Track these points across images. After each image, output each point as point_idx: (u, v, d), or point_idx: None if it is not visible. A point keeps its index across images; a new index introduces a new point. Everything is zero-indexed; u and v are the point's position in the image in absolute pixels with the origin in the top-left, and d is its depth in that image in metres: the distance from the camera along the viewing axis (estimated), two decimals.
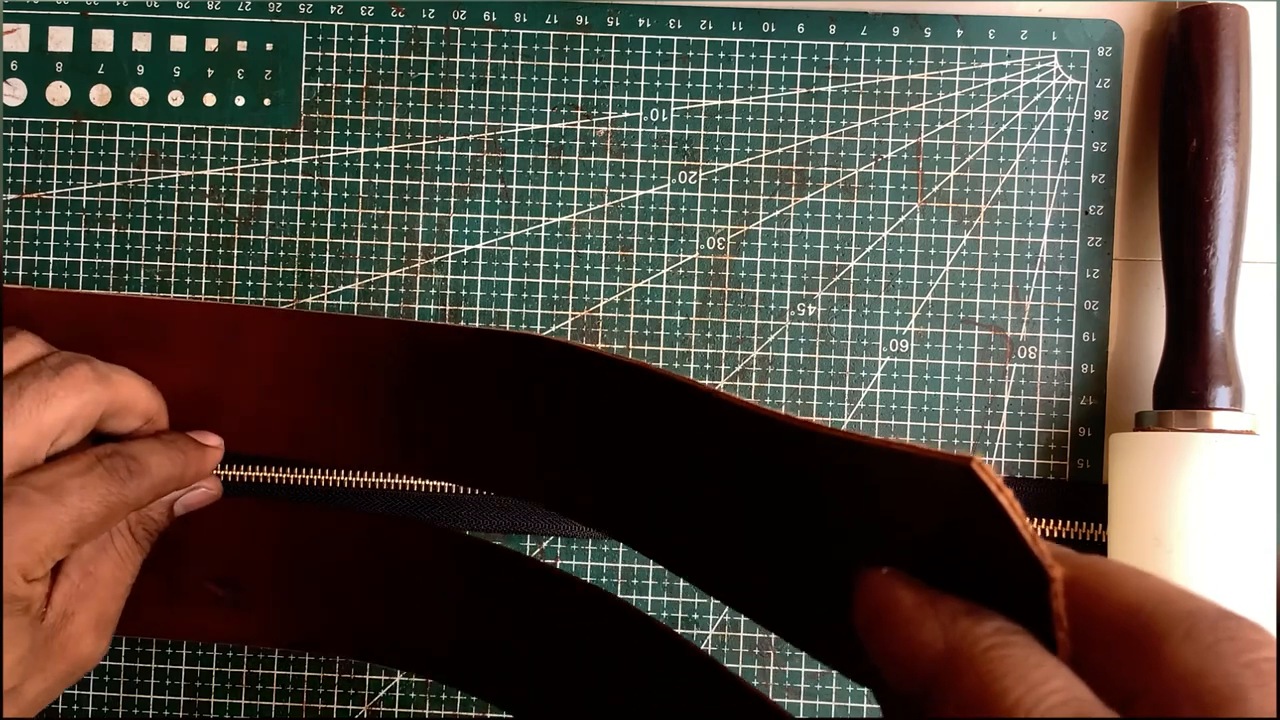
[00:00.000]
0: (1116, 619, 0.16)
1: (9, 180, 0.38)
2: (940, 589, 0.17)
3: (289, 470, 0.37)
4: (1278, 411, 0.37)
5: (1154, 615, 0.15)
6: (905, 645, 0.17)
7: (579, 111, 0.38)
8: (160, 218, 0.38)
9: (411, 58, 0.38)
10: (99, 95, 0.38)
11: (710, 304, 0.38)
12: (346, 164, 0.38)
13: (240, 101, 0.38)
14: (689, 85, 0.38)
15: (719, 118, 0.38)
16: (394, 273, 0.38)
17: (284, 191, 0.38)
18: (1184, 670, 0.15)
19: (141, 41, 0.38)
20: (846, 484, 0.20)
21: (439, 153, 0.38)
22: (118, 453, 0.31)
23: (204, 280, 0.38)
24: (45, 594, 0.30)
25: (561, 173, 0.38)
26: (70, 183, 0.38)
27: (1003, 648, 0.16)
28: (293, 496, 0.37)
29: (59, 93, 0.38)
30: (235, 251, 0.38)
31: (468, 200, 0.38)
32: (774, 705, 0.29)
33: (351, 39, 0.38)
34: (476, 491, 0.37)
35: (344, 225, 0.38)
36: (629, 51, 0.38)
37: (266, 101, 0.38)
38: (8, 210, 0.38)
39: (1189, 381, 0.35)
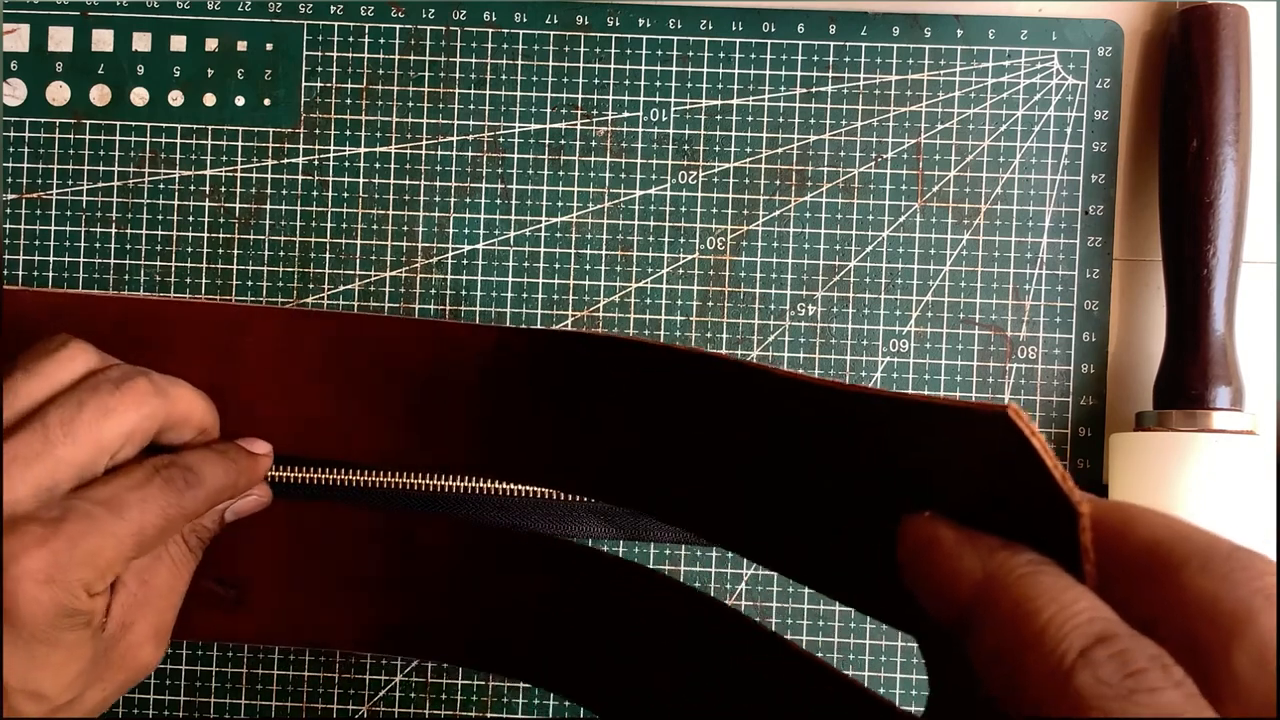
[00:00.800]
0: (1138, 553, 0.17)
1: (9, 180, 0.38)
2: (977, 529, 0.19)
3: (290, 469, 0.37)
4: (1278, 411, 0.37)
5: (1172, 549, 0.17)
6: (947, 576, 0.18)
7: (579, 111, 0.38)
8: (160, 218, 0.38)
9: (411, 58, 0.38)
10: (99, 95, 0.38)
11: (710, 304, 0.38)
12: (346, 164, 0.38)
13: (240, 101, 0.38)
14: (689, 85, 0.38)
15: (719, 118, 0.38)
16: (394, 273, 0.38)
17: (284, 191, 0.38)
18: (1200, 595, 0.16)
19: (141, 41, 0.38)
20: (888, 439, 0.21)
21: (439, 153, 0.38)
22: (174, 464, 0.31)
23: (204, 280, 0.38)
24: (105, 606, 0.30)
25: (561, 173, 0.38)
26: (70, 183, 0.38)
27: (1036, 574, 0.17)
28: (294, 495, 0.37)
29: (59, 93, 0.38)
30: (235, 251, 0.38)
31: (468, 200, 0.38)
32: (843, 676, 0.29)
33: (351, 39, 0.38)
34: (477, 490, 0.37)
35: (344, 225, 0.38)
36: (629, 51, 0.38)
37: (266, 101, 0.38)
38: (8, 210, 0.38)
39: (1189, 381, 0.35)
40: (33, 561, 0.27)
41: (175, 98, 0.38)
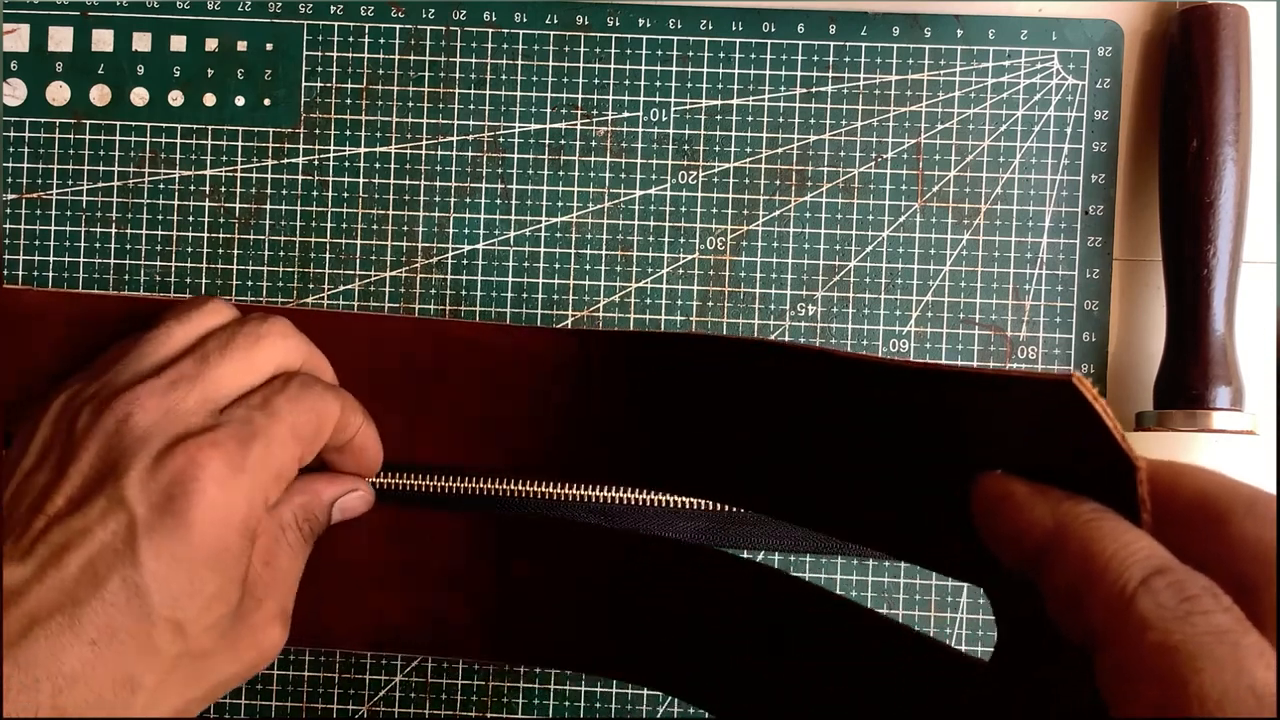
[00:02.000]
0: (1190, 504, 0.19)
1: (9, 180, 0.38)
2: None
3: None
4: (1278, 411, 0.37)
5: (1220, 498, 0.19)
6: (1020, 524, 0.21)
7: (579, 111, 0.38)
8: (160, 218, 0.38)
9: (411, 58, 0.38)
10: (99, 95, 0.38)
11: (710, 304, 0.38)
12: (346, 164, 0.38)
13: (240, 101, 0.38)
14: (689, 85, 0.38)
15: (719, 118, 0.38)
16: (394, 273, 0.38)
17: (284, 191, 0.38)
18: (1247, 539, 0.18)
19: (141, 41, 0.38)
20: (961, 409, 0.23)
21: (439, 153, 0.38)
22: (300, 371, 0.32)
23: (204, 280, 0.38)
24: (248, 562, 0.30)
25: (561, 173, 0.38)
26: (70, 183, 0.38)
27: (1099, 520, 0.19)
28: None
29: (59, 93, 0.38)
30: (235, 251, 0.38)
31: (468, 200, 0.38)
32: (908, 630, 0.30)
33: (351, 39, 0.38)
34: (476, 489, 0.37)
35: (344, 225, 0.38)
36: (629, 51, 0.38)
37: (266, 101, 0.38)
38: (8, 210, 0.38)
39: (1189, 381, 0.35)
40: (212, 464, 0.28)
41: (175, 98, 0.38)
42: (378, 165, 0.38)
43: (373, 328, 0.36)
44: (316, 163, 0.38)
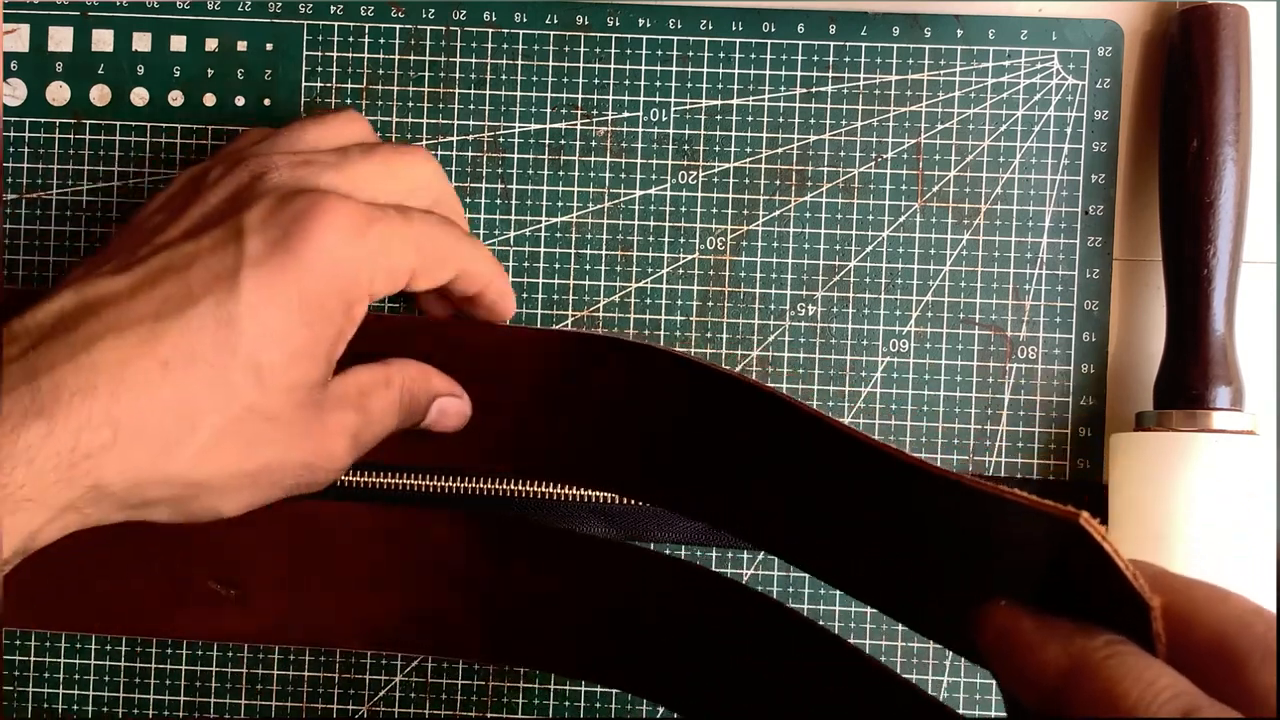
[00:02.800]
0: (1205, 642, 0.19)
1: (9, 180, 0.38)
2: (1050, 611, 0.20)
3: None
4: (1278, 411, 0.37)
5: (1236, 641, 0.19)
6: (1031, 664, 0.20)
7: (579, 111, 0.38)
8: None
9: (411, 58, 0.38)
10: (99, 95, 0.38)
11: (710, 304, 0.38)
12: None
13: (240, 101, 0.38)
14: (689, 85, 0.38)
15: (719, 118, 0.38)
16: None
17: None
18: (1262, 690, 0.18)
19: (141, 41, 0.38)
20: (963, 515, 0.23)
21: (439, 153, 0.38)
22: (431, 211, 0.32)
23: None
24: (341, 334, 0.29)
25: (561, 173, 0.38)
26: (70, 183, 0.38)
27: (1117, 656, 0.19)
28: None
29: (59, 93, 0.38)
30: None
31: (468, 200, 0.38)
32: (899, 678, 0.29)
33: (351, 39, 0.38)
34: (476, 489, 0.37)
35: None
36: (629, 51, 0.38)
37: (266, 101, 0.38)
38: (8, 210, 0.38)
39: (1189, 381, 0.35)
40: (336, 216, 0.27)
41: (175, 98, 0.38)
42: None
43: (372, 324, 0.36)
44: None
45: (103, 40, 0.38)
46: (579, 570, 0.36)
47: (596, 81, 0.38)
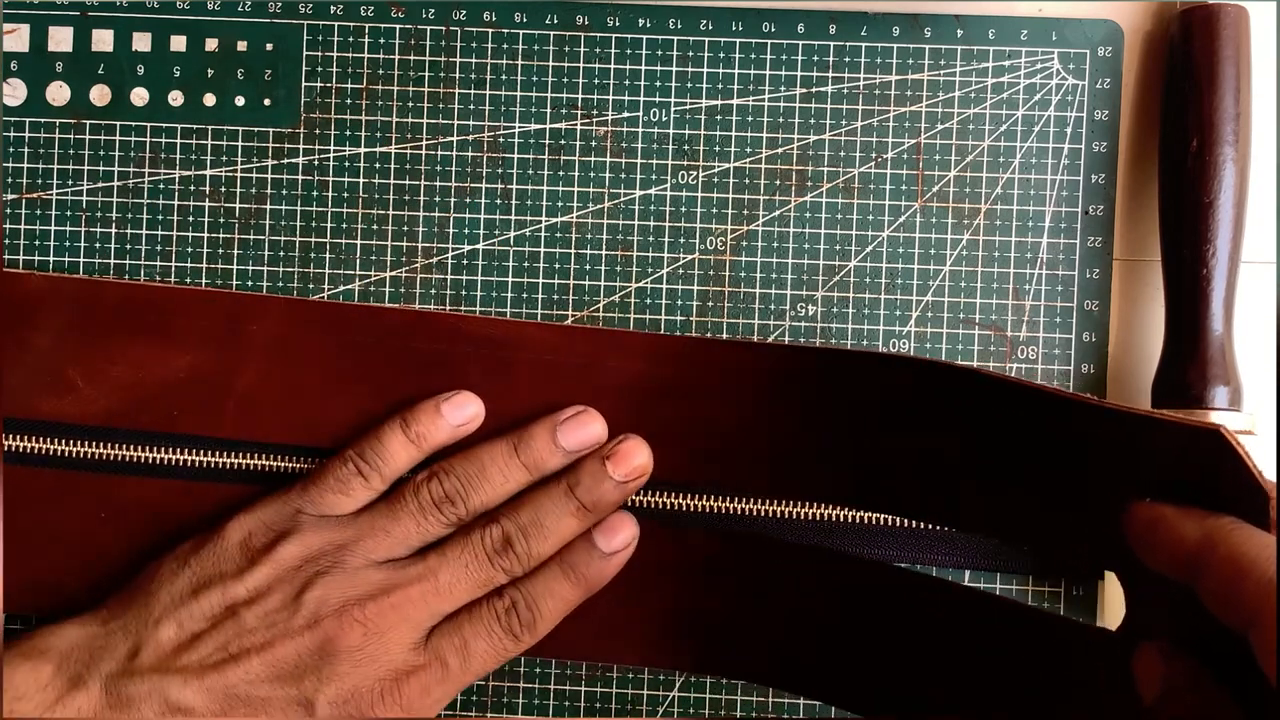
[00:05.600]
0: None
1: (9, 180, 0.38)
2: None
3: (290, 458, 0.37)
4: (1277, 411, 0.37)
5: None
6: (1173, 539, 0.25)
7: (579, 111, 0.38)
8: (160, 218, 0.38)
9: (411, 58, 0.38)
10: (99, 95, 0.38)
11: (710, 304, 0.38)
12: (346, 164, 0.38)
13: (240, 101, 0.38)
14: (689, 85, 0.38)
15: (719, 118, 0.38)
16: (394, 273, 0.38)
17: (284, 191, 0.38)
18: None
19: (141, 41, 0.38)
20: (1120, 441, 0.29)
21: (439, 153, 0.38)
22: (516, 605, 0.34)
23: (204, 280, 0.38)
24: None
25: (561, 173, 0.38)
26: (70, 183, 0.38)
27: (1240, 529, 0.24)
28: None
29: (59, 93, 0.38)
30: (235, 251, 0.38)
31: (468, 200, 0.38)
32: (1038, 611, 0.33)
33: (351, 39, 0.38)
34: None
35: (344, 225, 0.38)
36: (629, 51, 0.38)
37: (266, 101, 0.38)
38: (8, 210, 0.38)
39: (1188, 381, 0.35)
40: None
41: (175, 98, 0.38)
42: (378, 165, 0.38)
43: (374, 319, 0.36)
44: (316, 163, 0.38)
45: (103, 40, 0.38)
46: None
47: (596, 81, 0.38)
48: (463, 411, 0.35)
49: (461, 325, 0.36)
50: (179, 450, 0.37)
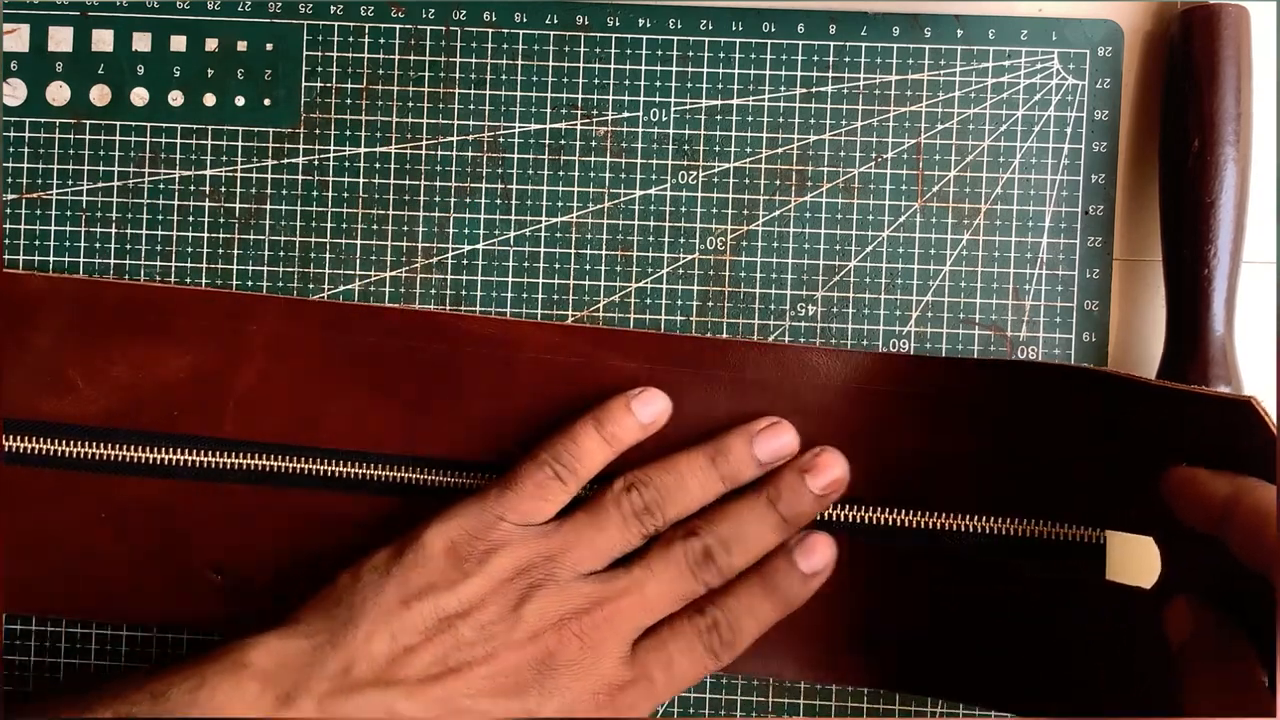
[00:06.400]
0: None
1: (9, 180, 0.38)
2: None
3: (288, 459, 0.37)
4: (1277, 411, 0.37)
5: None
6: (1205, 494, 0.29)
7: (579, 111, 0.38)
8: (160, 218, 0.38)
9: (411, 58, 0.38)
10: (99, 95, 0.38)
11: (710, 304, 0.38)
12: (346, 164, 0.38)
13: (240, 101, 0.38)
14: (689, 85, 0.38)
15: (719, 118, 0.38)
16: (394, 273, 0.38)
17: (284, 191, 0.38)
18: None
19: (141, 41, 0.38)
20: (1156, 412, 0.32)
21: (439, 153, 0.38)
22: (718, 624, 0.34)
23: (204, 280, 0.38)
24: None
25: (561, 173, 0.38)
26: (70, 183, 0.38)
27: (1265, 486, 0.27)
28: (289, 484, 0.37)
29: (59, 93, 0.38)
30: (235, 251, 0.38)
31: (468, 200, 0.38)
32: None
33: (351, 39, 0.38)
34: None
35: (344, 225, 0.38)
36: (629, 51, 0.38)
37: (266, 101, 0.38)
38: (8, 210, 0.38)
39: (1189, 381, 0.35)
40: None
41: (175, 98, 0.38)
42: (378, 165, 0.38)
43: (376, 319, 0.36)
44: (316, 163, 0.38)
45: (103, 40, 0.38)
46: None
47: (596, 81, 0.38)
48: (651, 408, 0.35)
49: (461, 325, 0.36)
50: (179, 450, 0.37)
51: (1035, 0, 0.38)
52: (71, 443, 0.37)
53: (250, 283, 0.38)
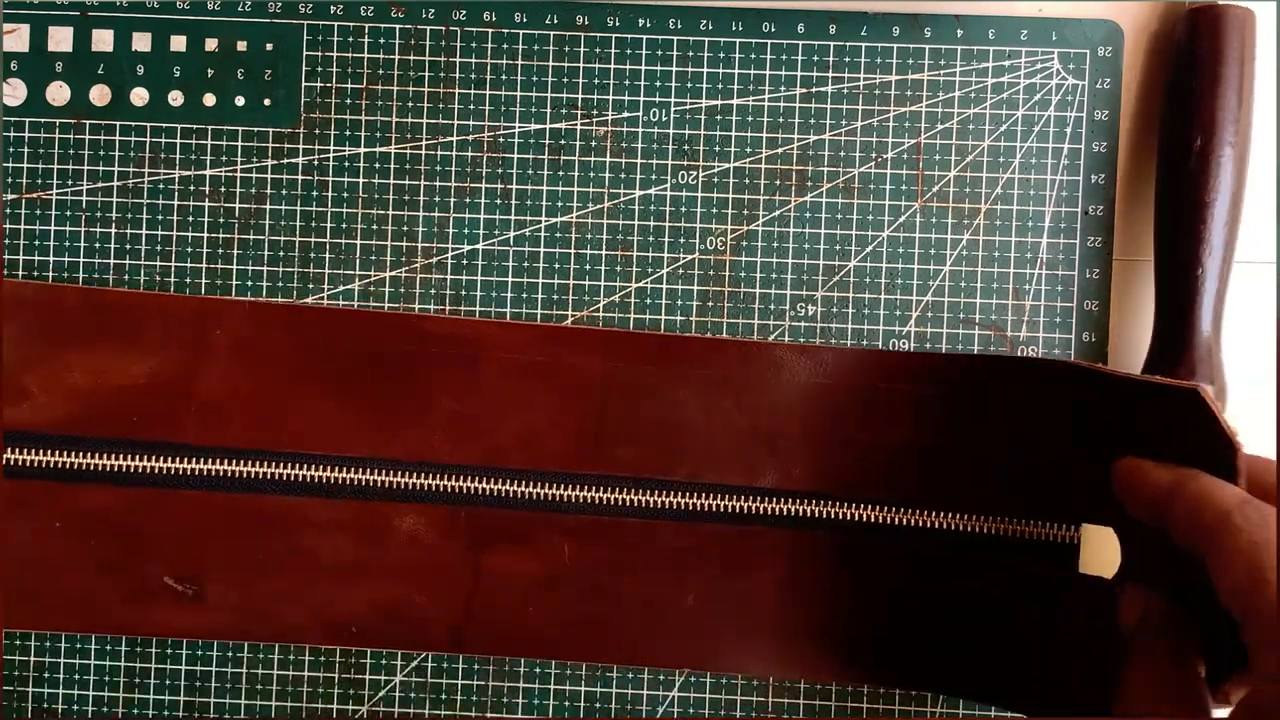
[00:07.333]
0: (1264, 489, 0.28)
1: (9, 180, 0.38)
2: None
3: (252, 463, 0.37)
4: (1277, 411, 0.37)
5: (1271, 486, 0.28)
6: (1149, 484, 0.30)
7: (579, 111, 0.38)
8: (160, 218, 0.38)
9: (411, 58, 0.38)
10: (99, 95, 0.38)
11: (710, 304, 0.38)
12: (346, 164, 0.38)
13: (240, 101, 0.38)
14: (689, 85, 0.38)
15: (719, 118, 0.38)
16: (394, 273, 0.38)
17: (284, 191, 0.38)
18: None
19: (141, 41, 0.38)
20: (1108, 401, 0.33)
21: (439, 153, 0.38)
22: None
23: (204, 280, 0.38)
24: None
25: (561, 173, 0.38)
26: (70, 183, 0.38)
27: (1204, 476, 0.28)
28: (253, 489, 0.37)
29: (59, 93, 0.38)
30: (235, 251, 0.38)
31: (468, 200, 0.38)
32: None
33: (351, 39, 0.38)
34: (451, 488, 0.37)
35: (344, 225, 0.38)
36: (629, 51, 0.38)
37: (266, 101, 0.38)
38: (8, 210, 0.38)
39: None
40: None
41: (175, 98, 0.38)
42: (378, 165, 0.38)
43: (343, 321, 0.36)
44: (316, 163, 0.38)
45: (103, 40, 0.38)
46: (555, 550, 0.36)
47: (596, 81, 0.38)
48: None
49: (426, 325, 0.36)
50: (139, 457, 0.36)
51: (1035, 0, 0.38)
52: (27, 451, 0.36)
53: (250, 283, 0.38)
